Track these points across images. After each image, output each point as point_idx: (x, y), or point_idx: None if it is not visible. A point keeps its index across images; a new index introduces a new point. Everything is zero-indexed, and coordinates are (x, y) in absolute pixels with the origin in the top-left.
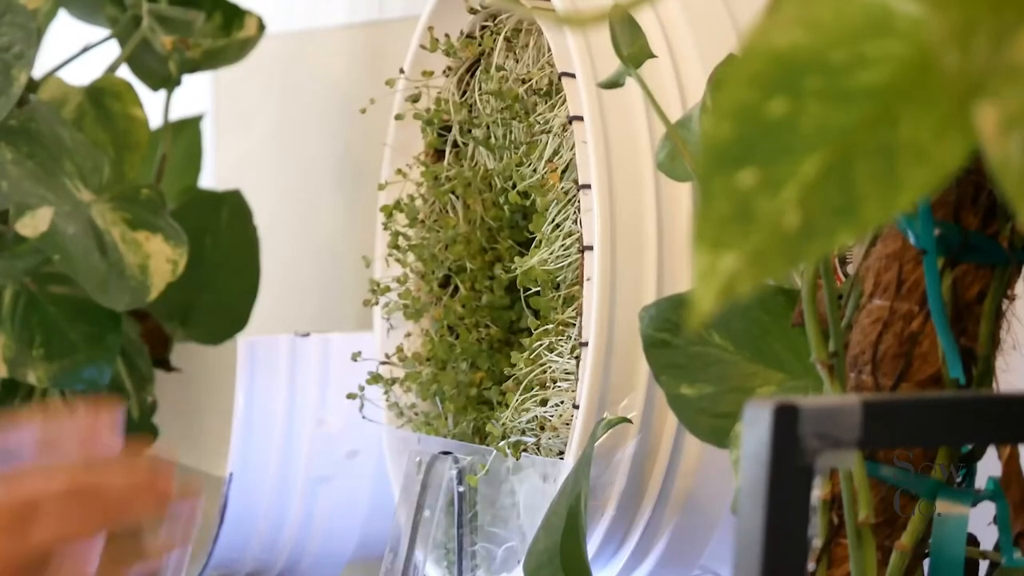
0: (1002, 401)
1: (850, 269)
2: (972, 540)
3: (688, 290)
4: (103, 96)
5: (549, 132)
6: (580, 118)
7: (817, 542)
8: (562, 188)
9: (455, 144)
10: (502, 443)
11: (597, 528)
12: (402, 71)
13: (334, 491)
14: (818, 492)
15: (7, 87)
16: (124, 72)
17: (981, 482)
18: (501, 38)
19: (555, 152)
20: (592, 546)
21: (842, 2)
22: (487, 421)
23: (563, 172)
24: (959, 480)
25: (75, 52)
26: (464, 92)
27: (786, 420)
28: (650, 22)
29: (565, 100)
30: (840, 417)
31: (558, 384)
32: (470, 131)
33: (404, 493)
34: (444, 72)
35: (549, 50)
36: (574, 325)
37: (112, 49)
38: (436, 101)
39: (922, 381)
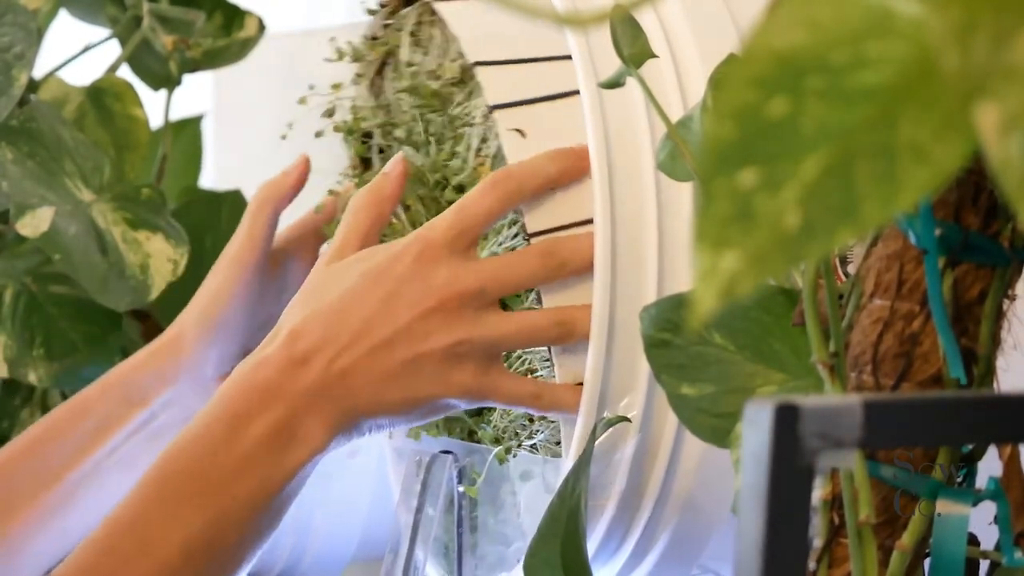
0: (1003, 401)
1: (851, 269)
2: (973, 540)
3: (689, 290)
4: (103, 96)
5: (472, 124)
6: (500, 106)
7: (818, 542)
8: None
9: (380, 150)
10: (498, 448)
11: (597, 527)
12: (312, 87)
13: (334, 491)
14: (819, 492)
15: (8, 87)
16: (125, 72)
17: (982, 482)
18: (406, 34)
19: (482, 141)
20: (591, 545)
21: (843, 3)
22: (477, 427)
23: (493, 161)
24: (960, 480)
25: (76, 52)
26: (378, 95)
27: (787, 420)
28: (651, 22)
29: (481, 89)
30: (841, 417)
31: (539, 373)
32: (391, 133)
33: (404, 493)
34: (353, 81)
35: (456, 40)
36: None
37: (112, 49)
38: (352, 109)
39: (923, 381)
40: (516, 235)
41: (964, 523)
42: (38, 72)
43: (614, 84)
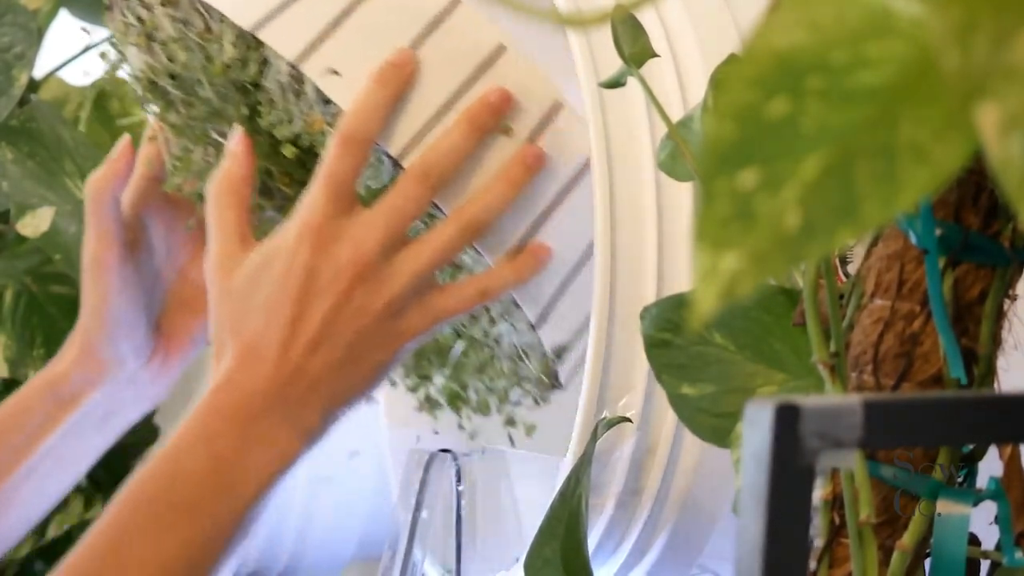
0: (1003, 401)
1: (851, 269)
2: (973, 540)
3: (689, 290)
4: (104, 96)
5: (283, 84)
6: (301, 58)
7: (818, 542)
8: (326, 123)
9: (177, 110)
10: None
11: (596, 526)
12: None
13: (334, 491)
14: (819, 492)
15: (8, 87)
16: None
17: (982, 482)
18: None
19: (297, 94)
20: (591, 544)
21: (843, 3)
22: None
23: (322, 111)
24: (960, 480)
25: (75, 52)
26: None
27: (787, 420)
28: (652, 22)
29: (260, 43)
30: (841, 417)
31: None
32: (188, 93)
33: (403, 492)
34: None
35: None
36: (462, 266)
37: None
38: (134, 79)
39: (923, 381)
40: (392, 163)
41: (965, 523)
42: (38, 72)
43: (615, 84)
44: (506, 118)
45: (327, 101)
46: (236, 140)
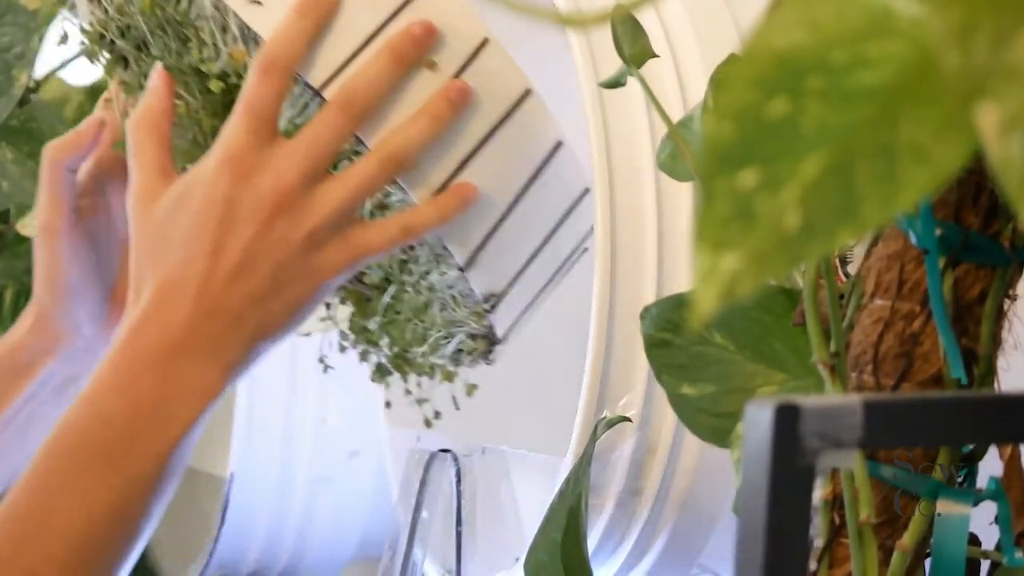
0: (1003, 401)
1: (851, 269)
2: (973, 540)
3: (689, 290)
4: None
5: (206, 17)
6: None
7: (818, 542)
8: (251, 59)
9: (126, 63)
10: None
11: (596, 526)
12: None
13: (335, 491)
14: (819, 492)
15: (8, 87)
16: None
17: (982, 482)
18: None
19: (223, 29)
20: (590, 544)
21: (843, 3)
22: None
23: (245, 44)
24: (960, 480)
25: (76, 52)
26: (105, 10)
27: (787, 420)
28: (652, 22)
29: None
30: (841, 417)
31: (394, 198)
32: (140, 49)
33: (403, 491)
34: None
35: None
36: (388, 206)
37: None
38: (83, 32)
39: (923, 381)
40: (313, 95)
41: (965, 523)
42: (38, 72)
43: (615, 84)
44: (431, 52)
45: (253, 36)
46: (156, 75)
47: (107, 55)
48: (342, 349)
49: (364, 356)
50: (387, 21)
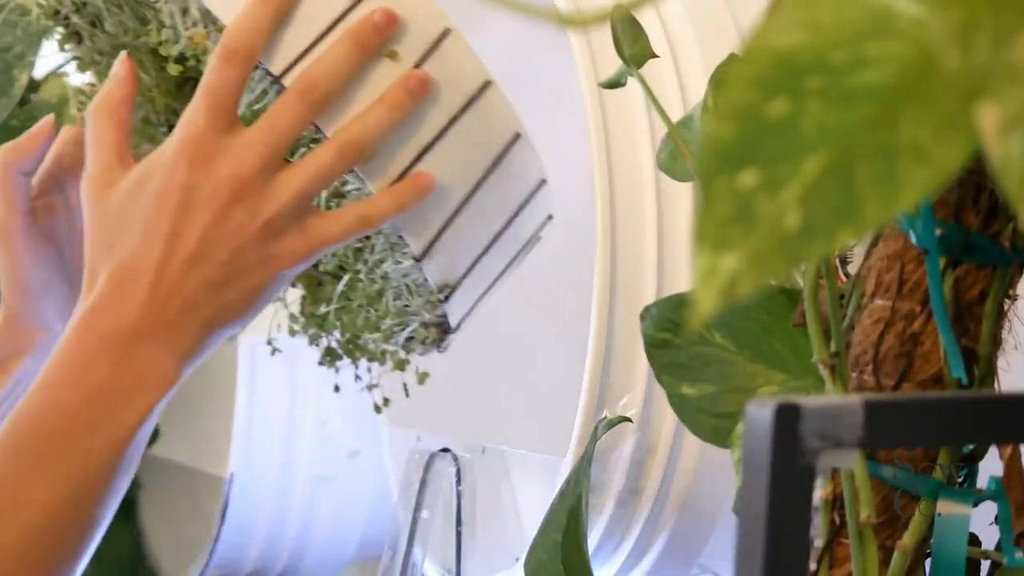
0: (1003, 401)
1: (852, 269)
2: (973, 540)
3: (689, 290)
4: None
5: (167, 1)
6: None
7: (819, 542)
8: (211, 42)
9: (79, 39)
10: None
11: (596, 526)
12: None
13: (335, 491)
14: (819, 492)
15: (8, 87)
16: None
17: (983, 482)
18: None
19: (184, 11)
20: (591, 544)
21: (843, 3)
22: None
23: (206, 28)
24: (960, 480)
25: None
26: None
27: (787, 420)
28: (652, 22)
29: None
30: (841, 417)
31: (349, 188)
32: (94, 25)
33: (403, 492)
34: None
35: None
36: (345, 195)
37: None
38: (38, 6)
39: (924, 381)
40: (272, 82)
41: (965, 523)
42: (38, 72)
43: (615, 84)
44: (392, 42)
45: (213, 20)
46: (119, 62)
47: (62, 30)
48: (292, 333)
49: (314, 340)
50: (349, 9)
